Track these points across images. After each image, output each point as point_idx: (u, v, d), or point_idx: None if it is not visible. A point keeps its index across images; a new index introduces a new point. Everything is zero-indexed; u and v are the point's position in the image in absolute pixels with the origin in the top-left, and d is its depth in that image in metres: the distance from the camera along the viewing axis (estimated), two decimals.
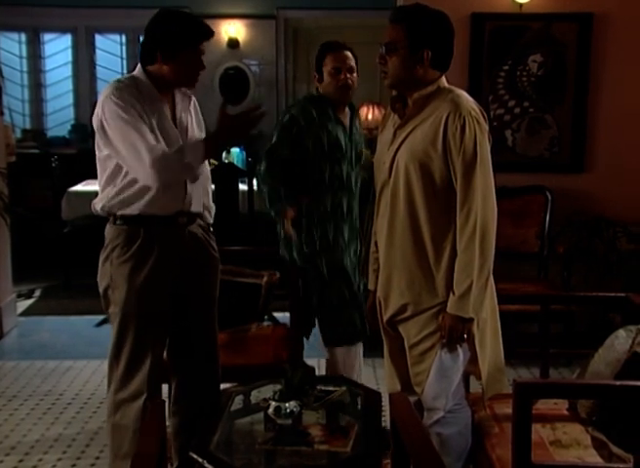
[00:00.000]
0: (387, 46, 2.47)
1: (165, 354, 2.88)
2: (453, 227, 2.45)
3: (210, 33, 2.69)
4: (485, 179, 2.41)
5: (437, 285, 2.49)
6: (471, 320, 2.44)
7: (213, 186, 3.13)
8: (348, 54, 3.35)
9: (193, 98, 2.89)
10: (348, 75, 3.32)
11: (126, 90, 2.62)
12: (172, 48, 2.62)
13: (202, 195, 2.86)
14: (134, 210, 2.68)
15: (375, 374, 4.07)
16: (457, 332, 2.44)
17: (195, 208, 2.80)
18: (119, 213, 2.70)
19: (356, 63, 3.37)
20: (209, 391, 2.87)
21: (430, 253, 2.48)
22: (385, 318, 2.63)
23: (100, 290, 2.78)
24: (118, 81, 2.69)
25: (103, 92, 2.66)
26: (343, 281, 3.42)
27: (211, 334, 2.93)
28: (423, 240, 2.48)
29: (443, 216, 2.46)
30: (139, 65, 2.72)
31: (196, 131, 2.84)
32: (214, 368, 2.94)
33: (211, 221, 2.95)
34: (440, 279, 2.48)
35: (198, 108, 2.92)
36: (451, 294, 2.44)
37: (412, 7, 2.52)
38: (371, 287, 2.78)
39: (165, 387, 2.98)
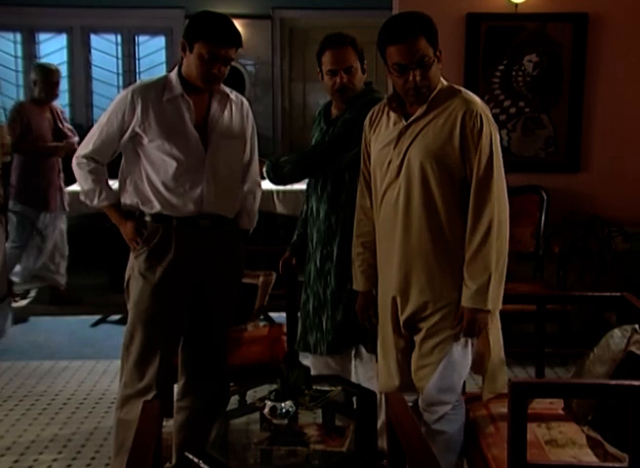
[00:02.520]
0: (421, 62, 2.42)
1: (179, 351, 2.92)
2: None
3: (225, 41, 2.68)
4: (500, 177, 2.47)
5: (457, 280, 2.49)
6: (488, 312, 2.45)
7: None
8: (347, 51, 2.99)
9: (236, 99, 2.90)
10: (345, 77, 2.97)
11: (133, 93, 2.70)
12: (190, 36, 2.68)
13: (242, 200, 2.90)
14: (151, 207, 2.74)
15: None
16: (474, 324, 2.45)
17: (219, 211, 2.80)
18: (141, 208, 2.76)
19: (361, 58, 3.03)
20: (220, 389, 2.88)
21: (452, 249, 2.49)
22: (403, 317, 2.59)
23: (124, 283, 2.84)
24: (141, 81, 2.83)
25: None
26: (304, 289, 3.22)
27: (226, 335, 2.99)
28: (444, 236, 2.49)
29: (462, 212, 2.47)
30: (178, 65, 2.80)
31: (234, 130, 2.85)
32: (224, 366, 2.98)
33: (247, 227, 2.97)
34: (461, 274, 2.48)
35: (245, 108, 2.91)
36: (465, 288, 2.44)
37: (414, 16, 2.45)
38: (359, 288, 2.77)
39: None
